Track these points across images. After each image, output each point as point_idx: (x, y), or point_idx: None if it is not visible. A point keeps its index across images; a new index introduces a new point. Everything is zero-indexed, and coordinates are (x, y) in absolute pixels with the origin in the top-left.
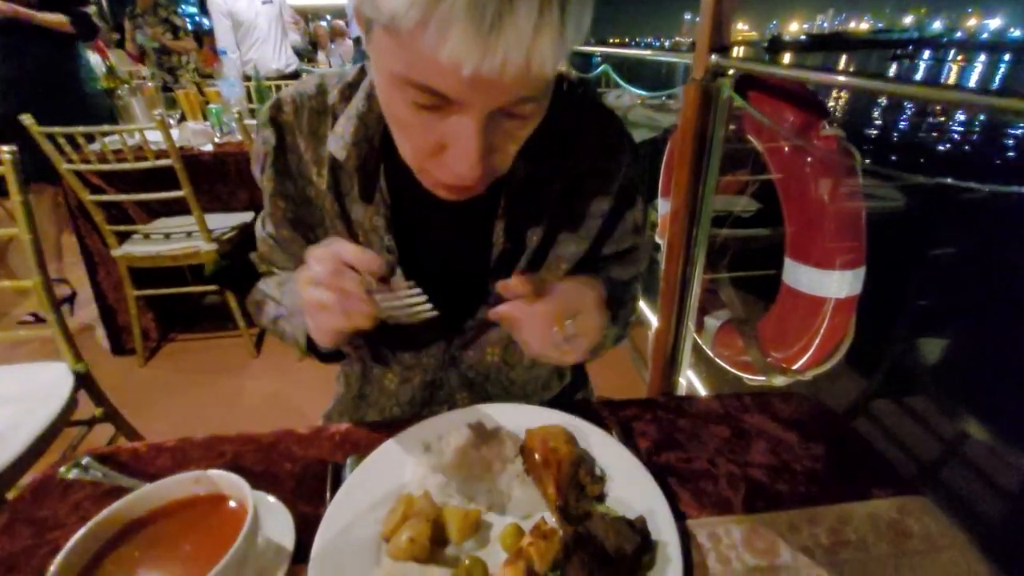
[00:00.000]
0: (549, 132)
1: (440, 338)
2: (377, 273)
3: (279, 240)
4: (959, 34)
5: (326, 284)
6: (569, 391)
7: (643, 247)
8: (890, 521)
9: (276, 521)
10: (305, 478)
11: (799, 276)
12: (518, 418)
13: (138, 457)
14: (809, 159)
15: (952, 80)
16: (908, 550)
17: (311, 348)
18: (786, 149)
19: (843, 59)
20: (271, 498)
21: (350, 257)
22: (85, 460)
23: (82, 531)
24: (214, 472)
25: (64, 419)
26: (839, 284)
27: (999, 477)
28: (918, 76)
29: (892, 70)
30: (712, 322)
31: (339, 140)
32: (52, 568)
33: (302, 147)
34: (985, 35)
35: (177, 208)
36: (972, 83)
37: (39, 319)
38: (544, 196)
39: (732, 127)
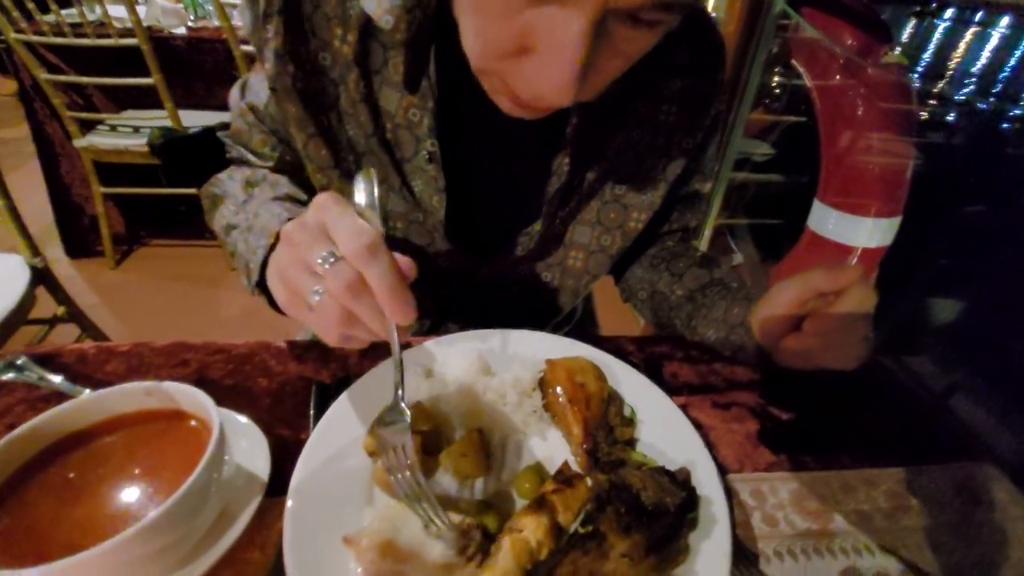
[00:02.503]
0: None
1: (462, 269)
2: (403, 322)
3: (270, 116)
4: None
5: (337, 301)
6: (577, 331)
7: (705, 192)
8: (956, 487)
9: (248, 445)
10: (283, 397)
11: (827, 221)
12: (535, 347)
13: (84, 360)
14: (863, 89)
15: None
16: (977, 519)
17: (263, 285)
18: (838, 76)
19: None
20: (242, 418)
21: (375, 283)
22: (20, 360)
23: (1, 441)
24: (170, 384)
25: (19, 316)
26: (871, 233)
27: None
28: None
29: (909, 28)
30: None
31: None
32: None
33: None
34: None
35: (148, 101)
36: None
37: None
38: (623, 119)
39: (774, 50)
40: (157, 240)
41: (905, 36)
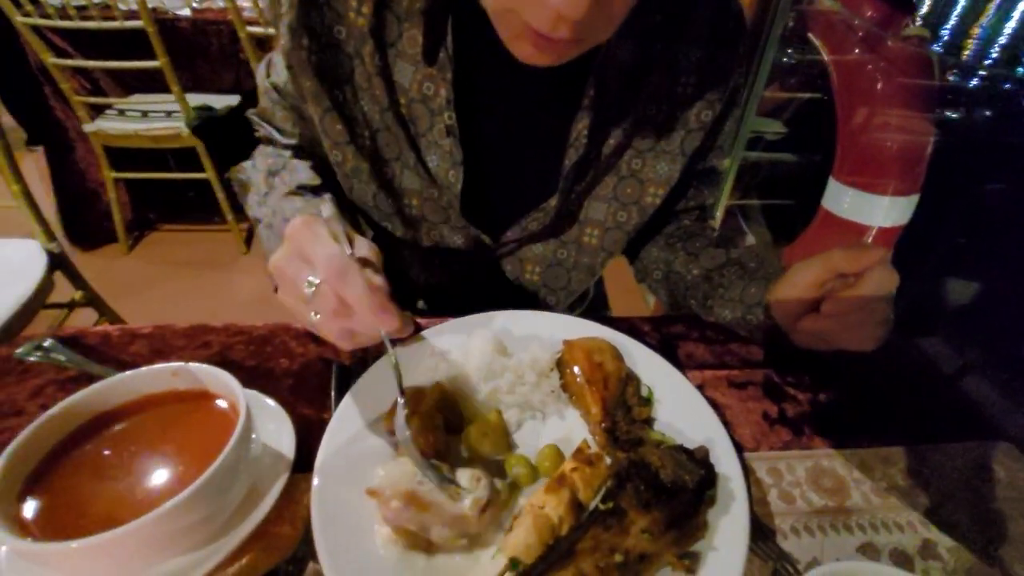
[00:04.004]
0: (655, 5)
1: (477, 246)
2: (389, 330)
3: (289, 93)
4: None
5: (330, 323)
6: (590, 313)
7: (722, 169)
8: (974, 465)
9: (273, 425)
10: (305, 377)
11: (843, 200)
12: (551, 328)
13: (109, 342)
14: (883, 63)
15: None
16: (996, 496)
17: None
18: (857, 50)
19: None
20: (267, 399)
21: (353, 303)
22: (47, 342)
23: (38, 420)
24: (196, 365)
25: (38, 300)
26: (887, 211)
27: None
28: None
29: None
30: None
31: None
32: (0, 460)
33: None
34: None
35: (155, 85)
36: None
37: None
38: (640, 91)
39: (789, 24)
40: (168, 225)
41: (927, 5)
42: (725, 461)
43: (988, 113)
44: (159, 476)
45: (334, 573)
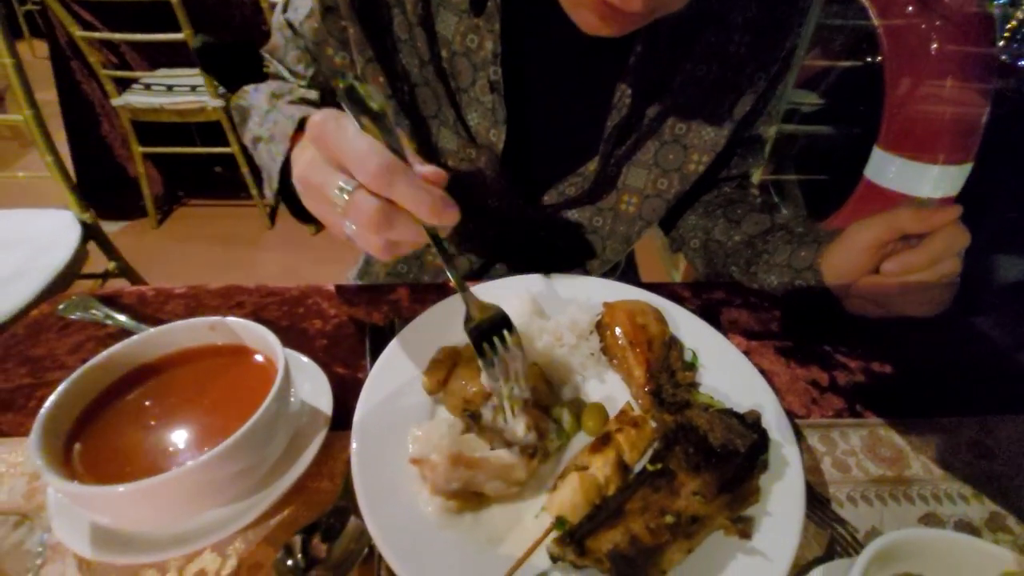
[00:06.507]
0: None
1: (514, 208)
2: (450, 222)
3: (305, 33)
4: None
5: (368, 232)
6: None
7: (768, 138)
8: None
9: (309, 384)
10: (339, 338)
11: (888, 169)
12: (589, 291)
13: (145, 302)
14: (939, 23)
15: None
16: None
17: (286, 193)
18: (910, 7)
19: None
20: (303, 357)
21: (408, 203)
22: (87, 300)
23: (81, 369)
24: (233, 320)
25: (73, 269)
26: (937, 182)
27: None
28: None
29: None
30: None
31: None
32: (45, 407)
33: None
34: None
35: (179, 59)
36: None
37: None
38: (691, 50)
39: None
40: (195, 200)
41: None
42: (776, 426)
43: None
44: (199, 427)
45: (378, 530)
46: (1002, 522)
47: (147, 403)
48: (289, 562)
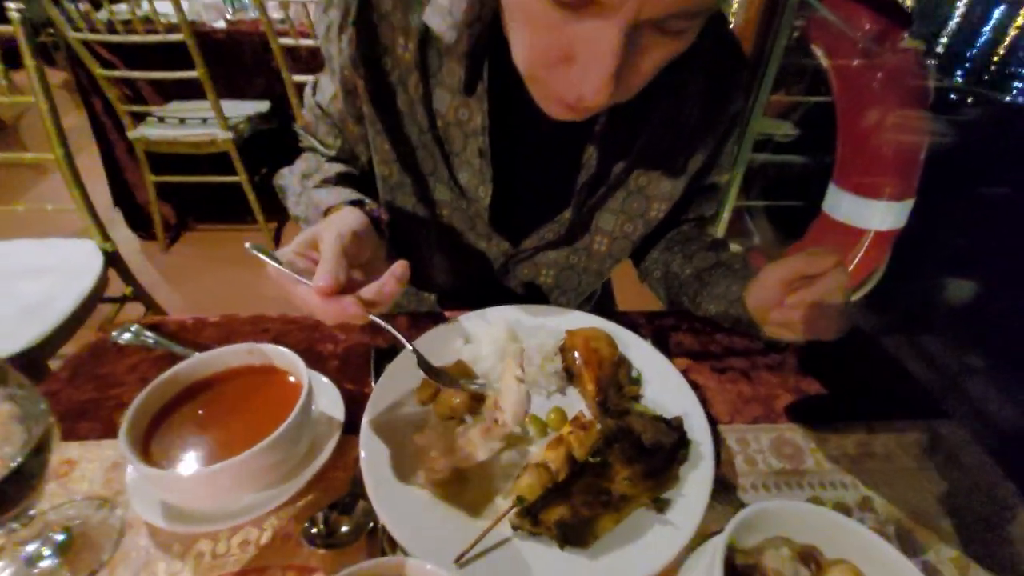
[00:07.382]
0: None
1: (499, 251)
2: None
3: (332, 113)
4: None
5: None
6: (596, 309)
7: (722, 184)
8: (917, 439)
9: (326, 397)
10: (349, 359)
11: (841, 204)
12: (558, 320)
13: (185, 328)
14: (879, 74)
15: None
16: (933, 465)
17: None
18: (855, 61)
19: None
20: (321, 376)
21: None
22: (134, 327)
23: (153, 383)
24: (267, 345)
25: (97, 295)
26: (883, 215)
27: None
28: None
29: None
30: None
31: (445, 16)
32: (129, 412)
33: (388, 5)
34: None
35: (191, 92)
36: None
37: None
38: (647, 118)
39: (795, 35)
40: (202, 225)
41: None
42: (698, 429)
43: (979, 121)
44: (242, 430)
45: (379, 506)
46: (870, 504)
47: (200, 411)
48: (313, 530)
